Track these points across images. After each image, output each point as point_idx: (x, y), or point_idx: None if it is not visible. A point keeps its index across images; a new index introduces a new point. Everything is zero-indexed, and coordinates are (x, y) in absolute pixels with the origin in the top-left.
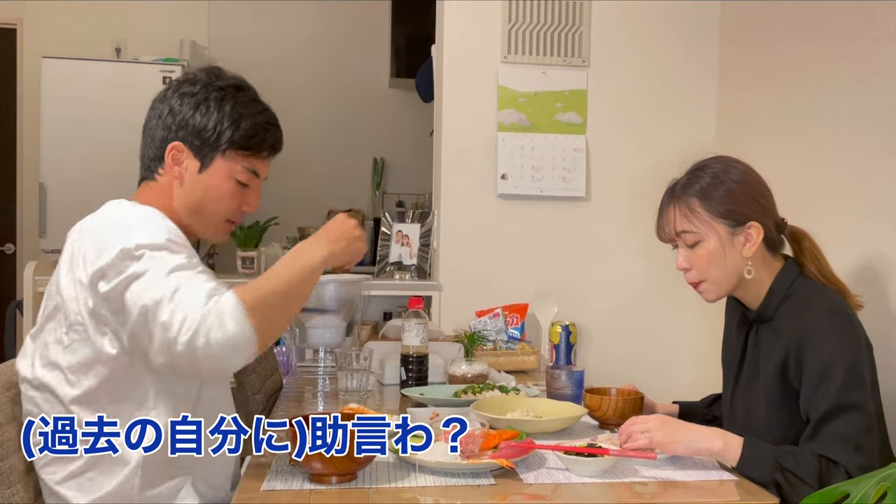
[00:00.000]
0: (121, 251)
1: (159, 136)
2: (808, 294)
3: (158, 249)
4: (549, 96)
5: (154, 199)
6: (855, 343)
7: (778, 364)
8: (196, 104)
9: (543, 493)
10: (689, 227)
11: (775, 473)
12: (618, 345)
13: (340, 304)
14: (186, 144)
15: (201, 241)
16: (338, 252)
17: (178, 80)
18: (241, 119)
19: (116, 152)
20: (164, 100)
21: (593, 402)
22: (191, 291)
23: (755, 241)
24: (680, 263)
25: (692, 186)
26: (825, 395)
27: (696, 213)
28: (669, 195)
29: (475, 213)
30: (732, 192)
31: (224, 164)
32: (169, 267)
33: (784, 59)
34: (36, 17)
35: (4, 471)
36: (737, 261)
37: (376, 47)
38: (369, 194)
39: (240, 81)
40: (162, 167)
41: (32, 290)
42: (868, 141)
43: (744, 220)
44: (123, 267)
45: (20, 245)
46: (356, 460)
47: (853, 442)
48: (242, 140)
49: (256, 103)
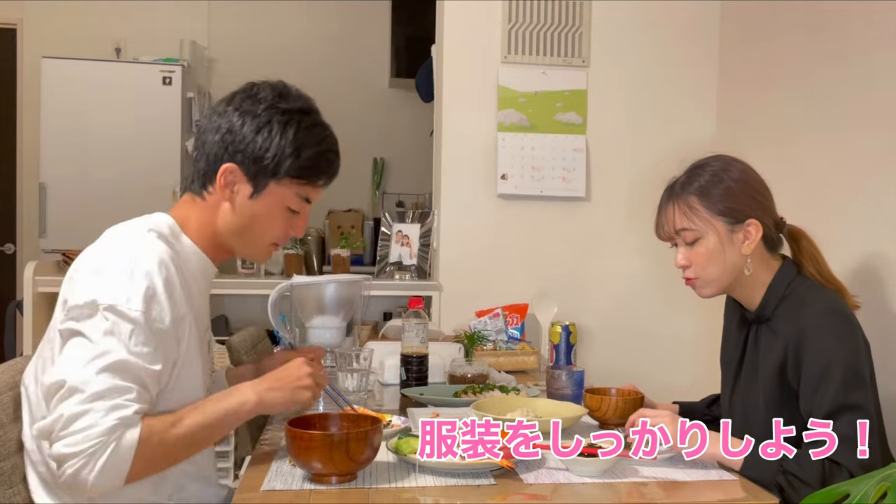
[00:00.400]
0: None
1: (213, 153)
2: (805, 294)
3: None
4: (549, 96)
5: (196, 217)
6: (853, 343)
7: (776, 365)
8: (258, 127)
9: (543, 493)
10: (688, 225)
11: (777, 476)
12: (618, 345)
13: (340, 304)
14: (242, 168)
15: None
16: (271, 403)
17: (242, 93)
18: (302, 148)
19: (116, 152)
20: (223, 113)
21: (593, 402)
22: (89, 421)
23: (754, 239)
24: (679, 261)
25: (691, 184)
26: (825, 395)
27: (695, 210)
28: (668, 193)
29: (475, 213)
30: (731, 190)
31: (278, 191)
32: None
33: (784, 60)
34: (36, 17)
35: (6, 471)
36: (735, 258)
37: (376, 47)
38: (369, 194)
39: (305, 104)
40: (212, 185)
41: (32, 290)
42: (868, 141)
43: (743, 218)
44: (82, 315)
45: (20, 245)
46: (356, 460)
47: (855, 442)
48: (301, 170)
49: (320, 128)
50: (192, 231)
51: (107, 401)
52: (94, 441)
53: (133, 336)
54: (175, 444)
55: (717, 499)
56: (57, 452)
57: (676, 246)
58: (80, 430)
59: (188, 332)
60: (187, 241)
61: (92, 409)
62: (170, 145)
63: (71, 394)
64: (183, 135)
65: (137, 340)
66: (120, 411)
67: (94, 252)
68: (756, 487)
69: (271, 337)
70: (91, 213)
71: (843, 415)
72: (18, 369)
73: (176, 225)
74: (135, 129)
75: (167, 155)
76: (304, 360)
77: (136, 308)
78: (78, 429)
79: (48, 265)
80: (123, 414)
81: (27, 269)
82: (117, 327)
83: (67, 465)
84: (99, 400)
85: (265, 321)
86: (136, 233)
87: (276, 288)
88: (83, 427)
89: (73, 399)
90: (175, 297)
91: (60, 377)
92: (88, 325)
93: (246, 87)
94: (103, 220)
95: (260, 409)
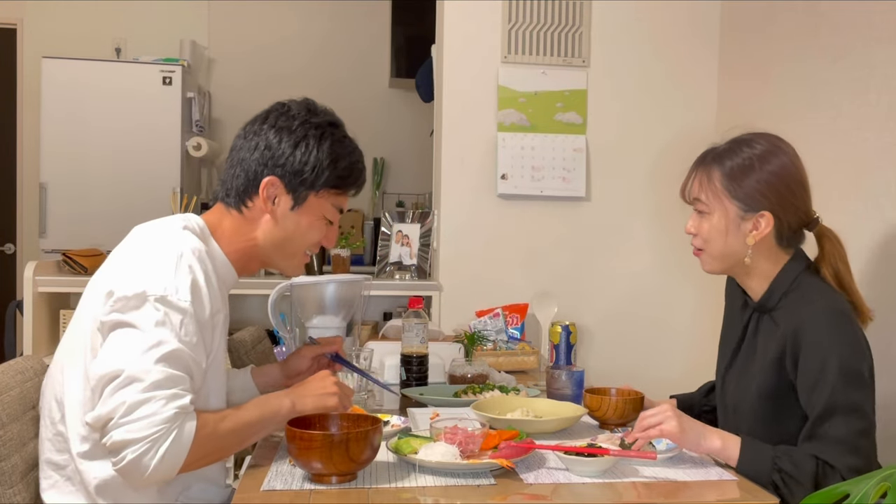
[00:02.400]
0: (142, 292)
1: (253, 170)
2: (810, 290)
3: (173, 311)
4: (549, 96)
5: (230, 226)
6: (852, 341)
7: (774, 356)
8: (295, 142)
9: (543, 493)
10: (702, 198)
11: (773, 474)
12: (618, 345)
13: (340, 304)
14: (283, 182)
15: None
16: (303, 408)
17: (275, 112)
18: (338, 159)
19: (116, 152)
20: (259, 132)
21: (593, 402)
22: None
23: (762, 231)
24: (688, 227)
25: (724, 161)
26: (821, 393)
27: (714, 187)
28: (701, 159)
29: (475, 213)
30: (759, 181)
31: (316, 202)
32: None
33: (784, 60)
34: (36, 17)
35: (6, 470)
36: (737, 244)
37: (376, 47)
38: (369, 194)
39: (333, 118)
40: (251, 200)
41: (32, 290)
42: (868, 141)
43: (757, 208)
44: (130, 306)
45: (20, 245)
46: (356, 460)
47: (849, 445)
48: (338, 180)
49: (349, 140)
50: (222, 238)
51: (166, 390)
52: (157, 427)
53: (183, 326)
54: (224, 438)
55: (717, 499)
56: (119, 438)
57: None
58: (143, 417)
59: (221, 325)
60: (215, 246)
61: (154, 397)
62: (170, 145)
63: (130, 382)
64: (183, 135)
65: (187, 331)
66: (179, 400)
67: (133, 245)
68: (756, 487)
69: (271, 337)
70: (91, 213)
71: (839, 415)
72: (18, 369)
73: (206, 228)
74: (135, 129)
75: (167, 155)
76: (328, 372)
77: (185, 299)
78: (141, 416)
79: (48, 265)
80: (182, 403)
81: (27, 269)
82: (168, 317)
83: (129, 451)
84: (159, 389)
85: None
86: (173, 228)
87: (276, 288)
88: (147, 414)
89: (134, 387)
90: (212, 291)
91: (117, 367)
92: (139, 316)
93: (276, 106)
94: (103, 220)
95: (293, 414)
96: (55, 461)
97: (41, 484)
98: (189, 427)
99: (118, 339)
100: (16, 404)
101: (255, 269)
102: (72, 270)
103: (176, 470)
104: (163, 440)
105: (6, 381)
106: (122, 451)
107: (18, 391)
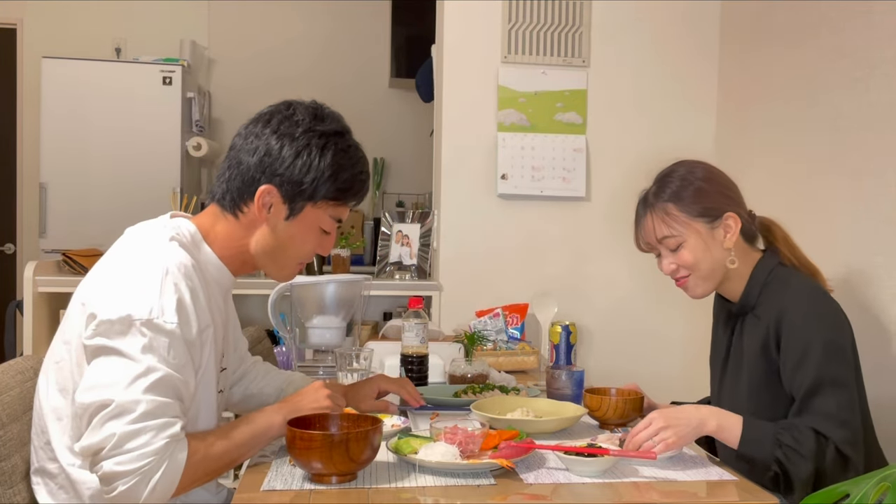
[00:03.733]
0: (126, 316)
1: (250, 175)
2: (786, 278)
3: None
4: (549, 96)
5: (223, 230)
6: (834, 319)
7: (759, 344)
8: (297, 151)
9: (543, 493)
10: (669, 232)
11: (776, 451)
12: (618, 345)
13: (340, 304)
14: (280, 191)
15: None
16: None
17: (279, 114)
18: (340, 171)
19: (116, 152)
20: (260, 135)
21: (593, 402)
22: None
23: (734, 231)
24: (665, 269)
25: (664, 192)
26: (807, 370)
27: (673, 216)
28: (643, 205)
29: (475, 213)
30: (702, 190)
31: (313, 213)
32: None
33: (784, 60)
34: (36, 17)
35: (7, 470)
36: (720, 254)
37: (376, 47)
38: (369, 194)
39: (340, 126)
40: (246, 206)
41: (32, 290)
42: (868, 141)
43: (719, 214)
44: (116, 331)
45: (20, 245)
46: (356, 460)
47: (838, 418)
48: (338, 192)
49: (354, 150)
50: (216, 242)
51: (156, 420)
52: (148, 459)
53: (171, 349)
54: (216, 460)
55: (716, 499)
56: (109, 470)
57: (659, 256)
58: (134, 450)
59: (209, 340)
60: (207, 250)
61: (144, 428)
62: (170, 145)
63: (120, 413)
64: (183, 135)
65: (175, 353)
66: (170, 429)
67: (118, 260)
68: (756, 487)
69: (271, 337)
70: (91, 213)
71: (825, 389)
72: (18, 369)
73: (198, 233)
74: (135, 129)
75: (167, 155)
76: (322, 383)
77: (171, 321)
78: (132, 448)
79: (48, 265)
80: (173, 431)
81: (27, 269)
82: (155, 342)
83: (120, 483)
84: (149, 419)
85: (265, 321)
86: (160, 241)
87: (276, 288)
88: (138, 446)
89: (124, 419)
90: (199, 306)
91: (106, 396)
92: (125, 343)
93: (281, 107)
94: (103, 220)
95: (284, 430)
96: (48, 470)
97: (35, 490)
98: (180, 456)
99: (105, 367)
100: (16, 404)
101: (246, 272)
102: (72, 270)
103: (169, 496)
104: (154, 471)
105: (6, 381)
106: (113, 482)
107: (18, 391)
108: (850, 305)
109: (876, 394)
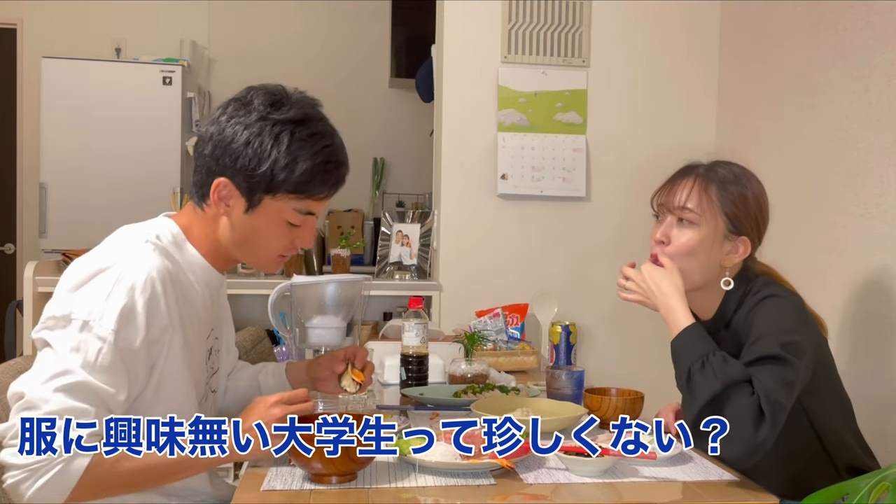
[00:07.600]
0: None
1: (206, 167)
2: (759, 288)
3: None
4: (549, 96)
5: (198, 227)
6: (797, 321)
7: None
8: (248, 139)
9: (543, 493)
10: (695, 207)
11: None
12: (618, 345)
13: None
14: (234, 183)
15: None
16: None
17: (236, 101)
18: (296, 161)
19: (116, 152)
20: (216, 122)
21: (593, 402)
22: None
23: (739, 256)
24: (657, 234)
25: (716, 172)
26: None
27: (709, 197)
28: (688, 170)
29: (475, 213)
30: (747, 200)
31: (274, 206)
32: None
33: (784, 60)
34: (36, 17)
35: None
36: (713, 264)
37: (376, 47)
38: (369, 194)
39: (301, 114)
40: (208, 201)
41: (32, 290)
42: (868, 141)
43: (741, 231)
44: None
45: (20, 245)
46: (356, 460)
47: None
48: (295, 185)
49: (317, 138)
50: (197, 240)
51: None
52: (38, 458)
53: (99, 356)
54: (125, 476)
55: (716, 499)
56: (3, 460)
57: (658, 218)
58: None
59: (168, 348)
60: (191, 251)
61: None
62: (170, 145)
63: (28, 407)
64: (183, 135)
65: (103, 360)
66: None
67: (86, 261)
68: (756, 487)
69: (271, 337)
70: (91, 213)
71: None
72: (18, 369)
73: (181, 233)
74: (135, 129)
75: (167, 155)
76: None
77: (108, 327)
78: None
79: (48, 265)
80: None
81: (27, 269)
82: (84, 345)
83: (9, 475)
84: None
85: (265, 321)
86: (134, 243)
87: (276, 288)
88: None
89: (28, 413)
90: (157, 316)
91: (22, 388)
92: (58, 338)
93: (241, 93)
94: (103, 220)
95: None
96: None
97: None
98: (78, 462)
99: (39, 359)
100: None
101: (230, 265)
102: None
103: (59, 501)
104: (43, 472)
105: (6, 381)
106: (4, 473)
107: None
108: (849, 305)
109: (876, 394)
